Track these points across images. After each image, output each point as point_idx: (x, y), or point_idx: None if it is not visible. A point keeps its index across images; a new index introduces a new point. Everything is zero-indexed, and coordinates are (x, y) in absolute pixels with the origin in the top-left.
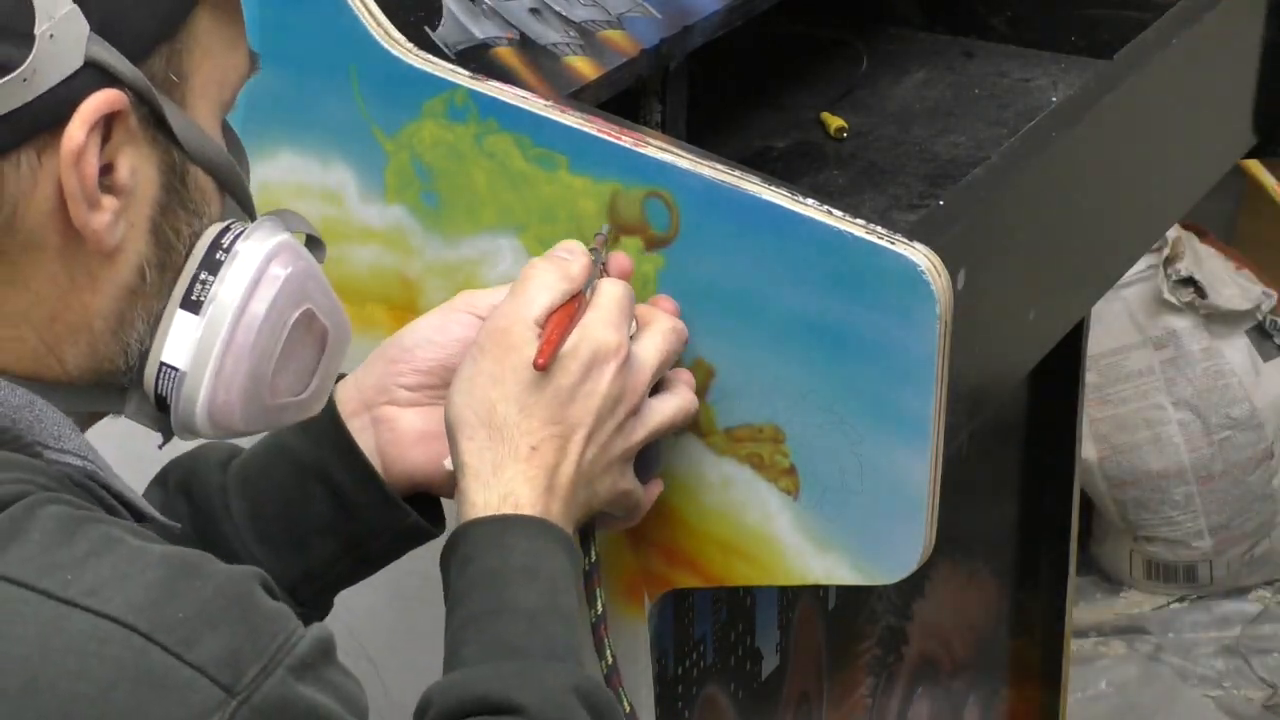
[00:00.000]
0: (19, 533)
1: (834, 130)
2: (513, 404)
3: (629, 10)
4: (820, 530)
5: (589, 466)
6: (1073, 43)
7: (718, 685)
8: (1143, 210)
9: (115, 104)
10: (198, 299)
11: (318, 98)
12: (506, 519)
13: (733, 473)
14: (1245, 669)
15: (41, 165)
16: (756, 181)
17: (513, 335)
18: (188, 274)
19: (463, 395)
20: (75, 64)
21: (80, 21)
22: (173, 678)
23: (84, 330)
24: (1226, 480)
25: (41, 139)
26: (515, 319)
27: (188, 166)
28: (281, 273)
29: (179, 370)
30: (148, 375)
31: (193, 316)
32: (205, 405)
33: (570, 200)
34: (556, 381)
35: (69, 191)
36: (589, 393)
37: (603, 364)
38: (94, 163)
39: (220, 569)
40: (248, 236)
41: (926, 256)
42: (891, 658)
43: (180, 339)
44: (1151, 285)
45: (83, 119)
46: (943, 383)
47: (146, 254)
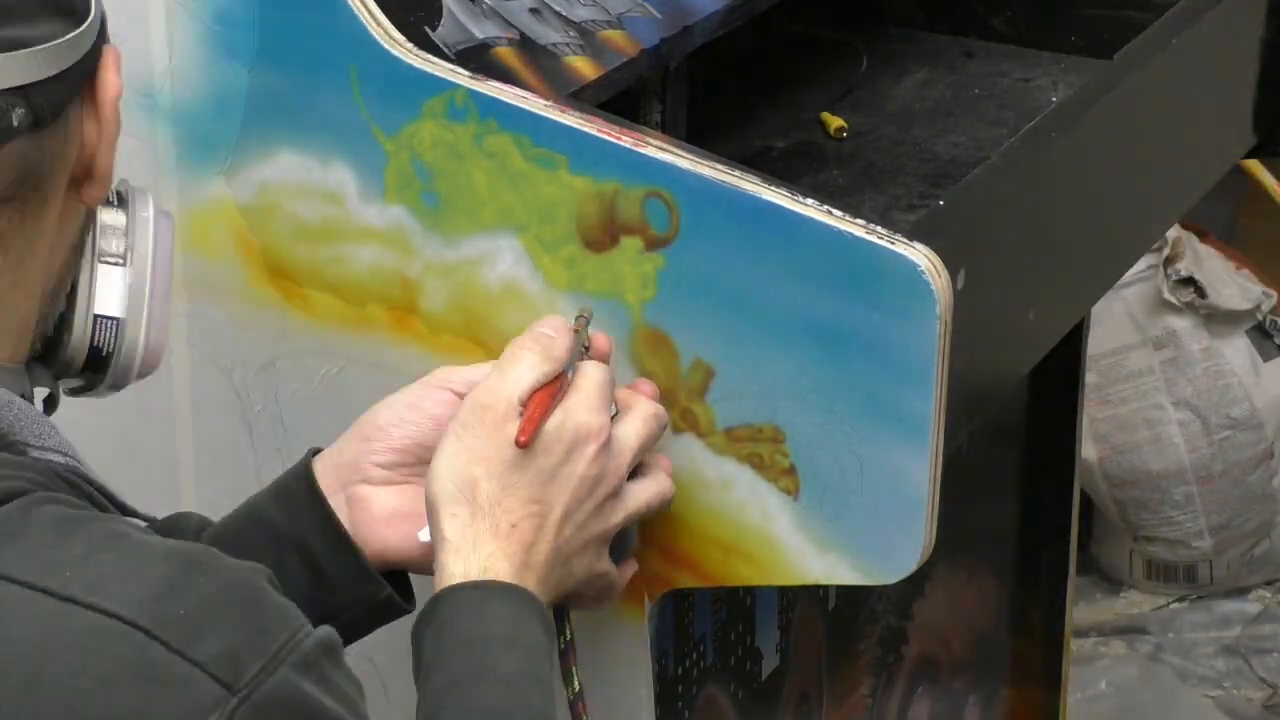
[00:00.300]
0: (17, 531)
1: (834, 130)
2: (495, 481)
3: (629, 10)
4: (820, 530)
5: (565, 545)
6: (1073, 43)
7: (718, 685)
8: (1143, 210)
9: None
10: (115, 253)
11: (318, 98)
12: (487, 586)
13: (733, 473)
14: (1245, 669)
15: (83, 114)
16: (756, 181)
17: (496, 412)
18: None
19: (444, 470)
20: (101, 14)
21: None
22: (173, 674)
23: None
24: (1226, 480)
25: (88, 87)
26: (499, 396)
27: None
28: (169, 224)
29: (117, 319)
30: (79, 333)
31: (116, 268)
32: (143, 349)
33: (570, 200)
34: (539, 461)
35: (107, 137)
36: (569, 474)
37: (583, 445)
38: None
39: (226, 564)
40: (134, 199)
41: (926, 256)
42: (891, 658)
43: (110, 290)
44: (1151, 285)
45: (113, 65)
46: (942, 383)
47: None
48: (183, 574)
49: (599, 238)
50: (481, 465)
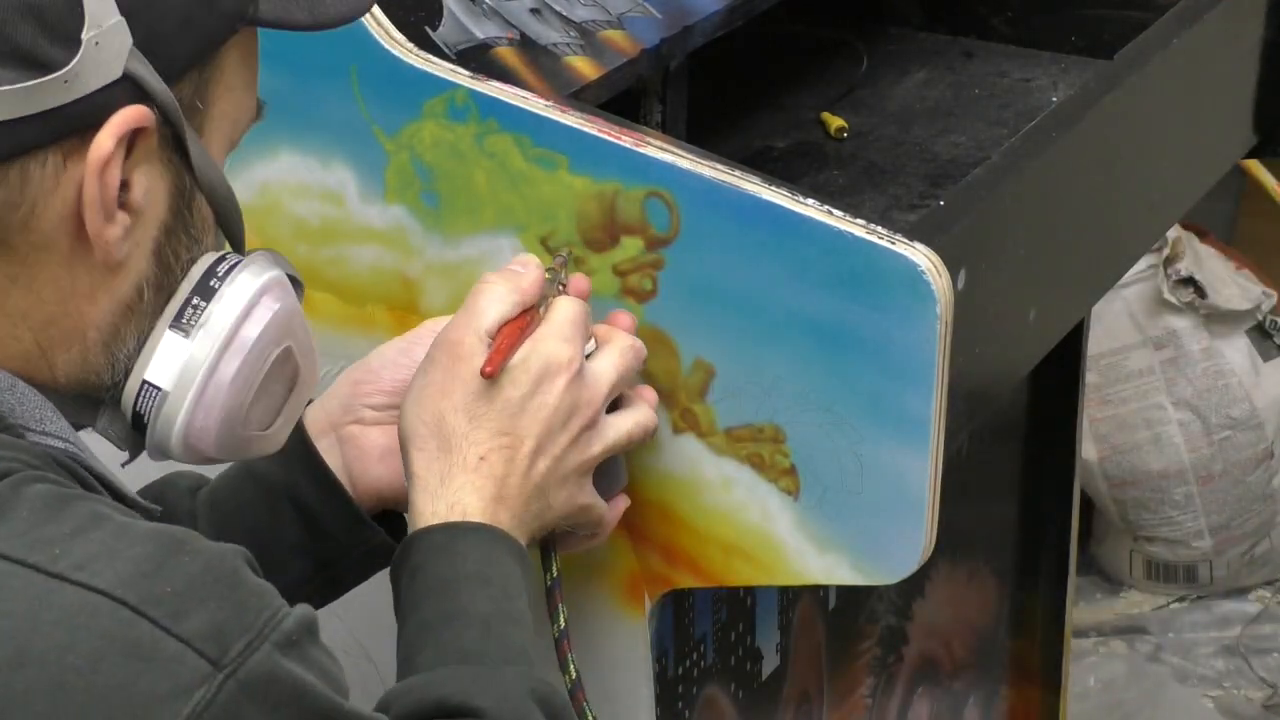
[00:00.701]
0: (6, 509)
1: (834, 130)
2: (461, 414)
3: (629, 10)
4: (820, 530)
5: (541, 478)
6: (1073, 43)
7: (718, 685)
8: (1143, 210)
9: (144, 120)
10: (188, 322)
11: (318, 98)
12: (455, 526)
13: (733, 473)
14: (1245, 669)
15: (65, 169)
16: (757, 181)
17: (462, 346)
18: (180, 297)
19: (413, 406)
20: (114, 74)
21: (125, 34)
22: (161, 650)
23: (78, 338)
24: (1226, 480)
25: (70, 143)
26: (466, 330)
27: (196, 193)
28: (272, 307)
29: (161, 390)
30: (128, 391)
31: (181, 339)
32: (183, 427)
33: (570, 200)
34: (505, 393)
35: (88, 199)
36: (540, 405)
37: (554, 376)
38: (117, 175)
39: (207, 545)
40: (244, 268)
41: (926, 256)
42: (891, 658)
43: (166, 359)
44: (1151, 285)
45: (113, 130)
46: (943, 383)
47: (147, 273)
48: (167, 553)
49: (599, 238)
50: (447, 399)
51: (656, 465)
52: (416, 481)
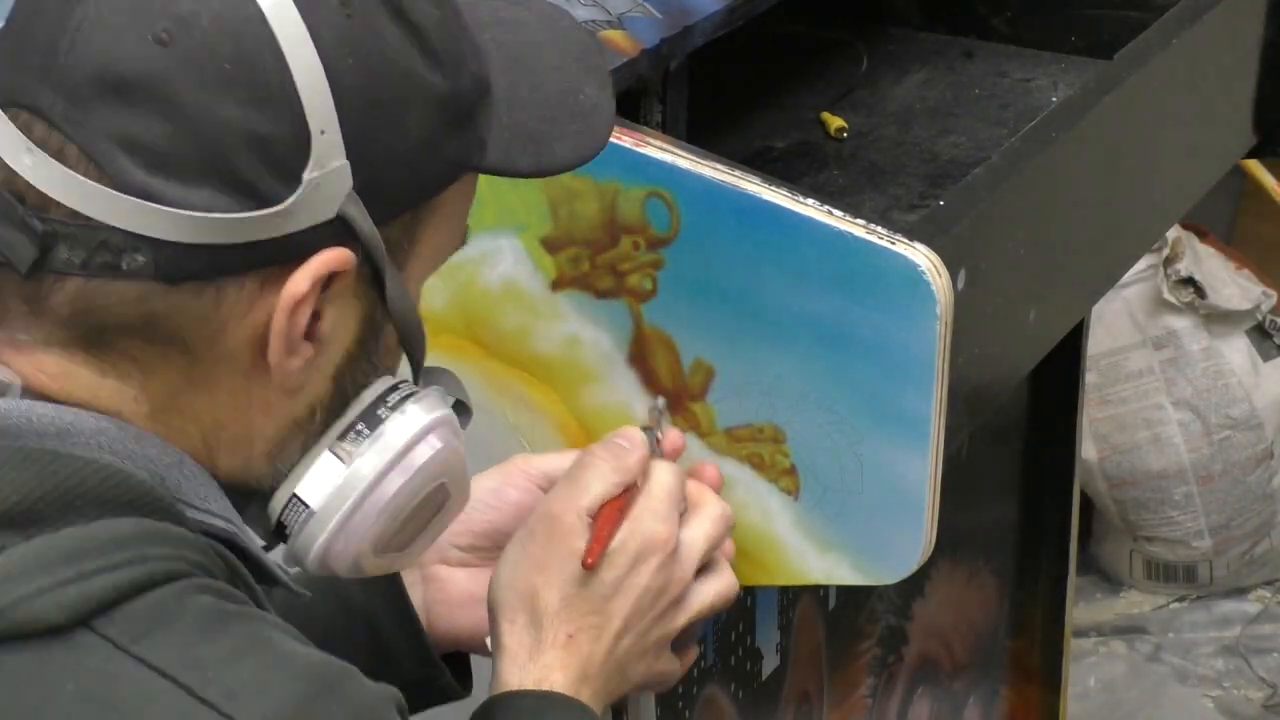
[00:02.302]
0: (167, 619)
1: (834, 130)
2: (555, 593)
3: (629, 10)
4: (820, 530)
5: (624, 655)
6: (1073, 43)
7: (718, 685)
8: (1143, 210)
9: (343, 264)
10: (348, 447)
11: None
12: (548, 696)
13: (733, 473)
14: (1245, 669)
15: (261, 295)
16: (757, 181)
17: (563, 524)
18: (345, 420)
19: (507, 577)
20: (328, 216)
21: (346, 178)
22: None
23: (244, 445)
24: (1226, 480)
25: (270, 271)
26: (568, 507)
27: (385, 323)
28: (433, 449)
29: (309, 508)
30: (277, 499)
31: (338, 463)
32: (323, 549)
33: (571, 200)
34: (603, 575)
35: (275, 331)
36: (632, 585)
37: (649, 557)
38: (308, 313)
39: (360, 690)
40: (415, 401)
41: (926, 256)
42: (891, 658)
43: (320, 480)
44: (1151, 285)
45: (311, 271)
46: (943, 383)
47: (322, 397)
48: (317, 696)
49: (599, 238)
50: (543, 575)
51: None
52: (505, 653)
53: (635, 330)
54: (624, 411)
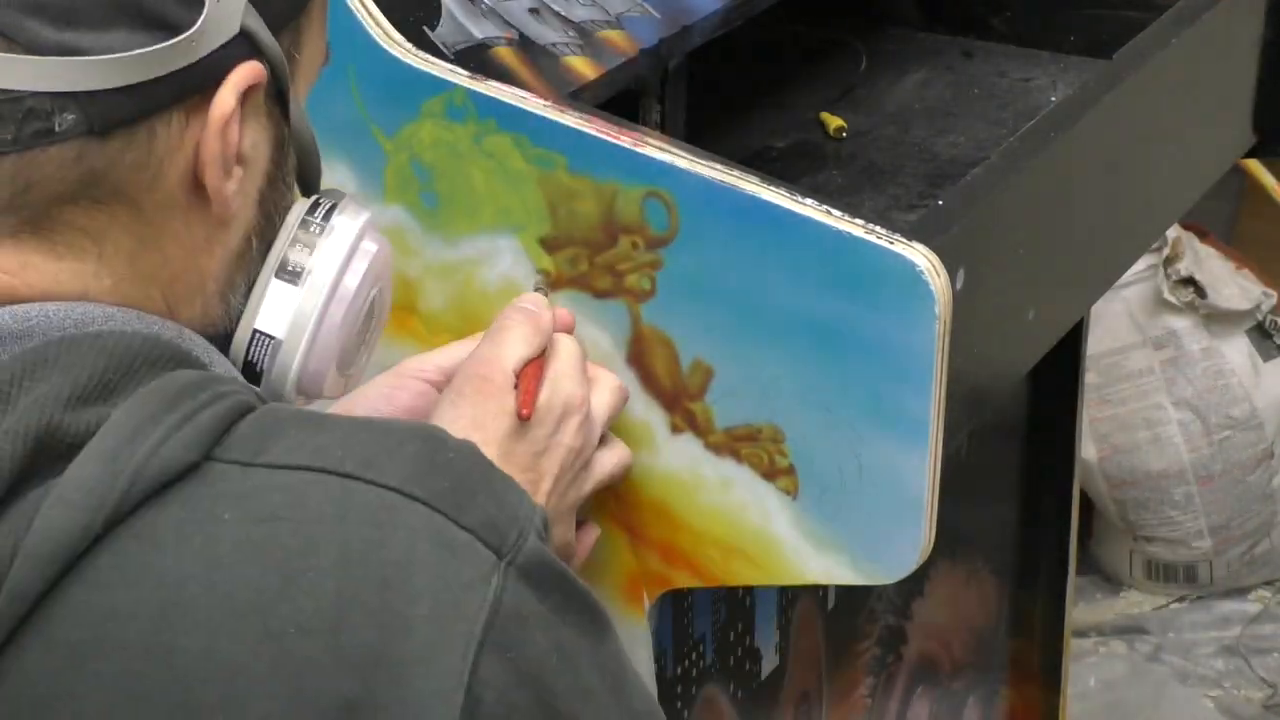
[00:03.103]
0: (274, 430)
1: (833, 130)
2: (493, 449)
3: (628, 10)
4: (819, 530)
5: (550, 515)
6: (1073, 43)
7: (717, 685)
8: (1143, 210)
9: (258, 77)
10: (294, 269)
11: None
12: None
13: (732, 473)
14: (1245, 669)
15: (189, 126)
16: (756, 181)
17: (492, 383)
18: (282, 244)
19: None
20: (233, 31)
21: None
22: (457, 541)
23: (199, 292)
24: (1226, 480)
25: (192, 101)
26: (494, 367)
27: (289, 144)
28: (372, 248)
29: (275, 338)
30: (238, 341)
31: (289, 286)
32: (298, 373)
33: (569, 200)
34: (534, 432)
35: (209, 156)
36: (557, 444)
37: (570, 416)
38: (237, 131)
39: (458, 441)
40: (340, 212)
41: (925, 256)
42: (891, 657)
43: (277, 308)
44: (1151, 285)
45: (234, 86)
46: (942, 382)
47: (253, 223)
48: (435, 451)
49: (598, 238)
50: (480, 432)
51: (655, 465)
52: None
53: (634, 330)
54: (624, 411)
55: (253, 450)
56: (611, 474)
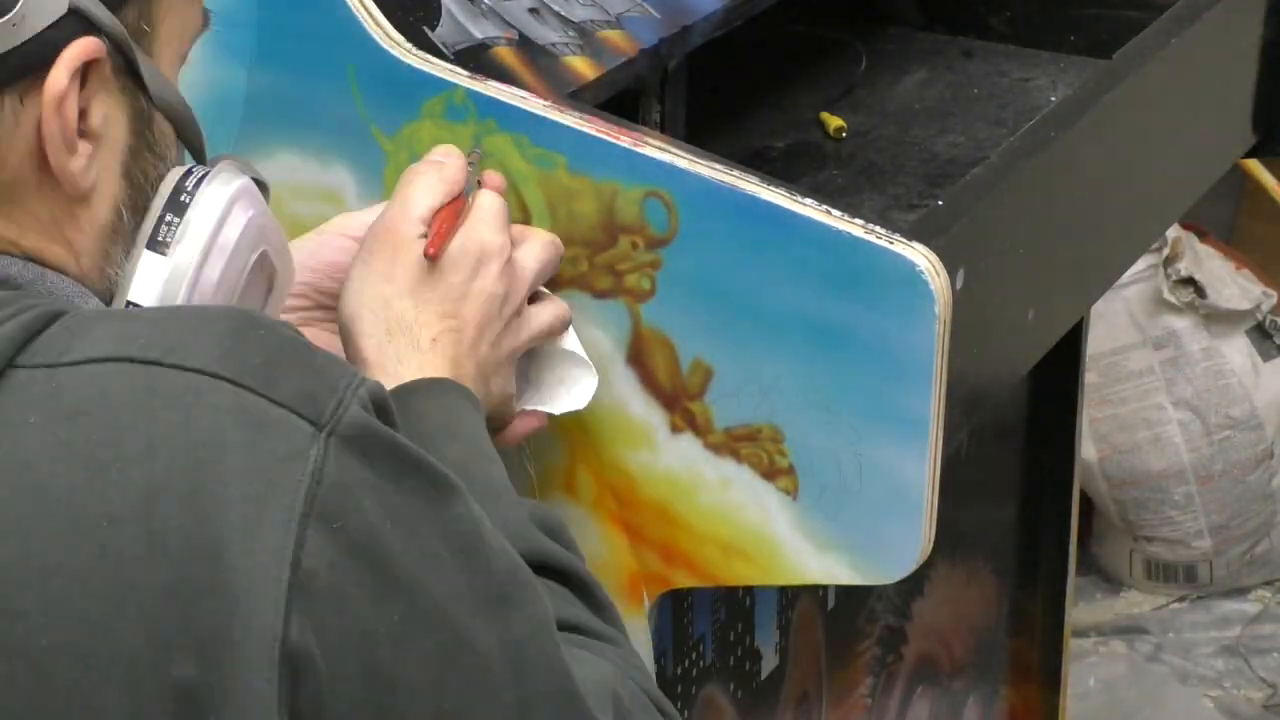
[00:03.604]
0: (81, 329)
1: (833, 130)
2: (407, 299)
3: (628, 10)
4: (819, 530)
5: (483, 361)
6: (1073, 43)
7: (717, 685)
8: (1143, 210)
9: (94, 52)
10: (164, 240)
11: (316, 98)
12: (407, 387)
13: (732, 472)
14: (1245, 669)
15: (24, 107)
16: (755, 181)
17: (400, 234)
18: (153, 216)
19: (355, 295)
20: (60, 10)
21: None
22: (269, 416)
23: (71, 263)
24: (1226, 480)
25: (25, 82)
26: (402, 219)
27: (153, 112)
28: (244, 216)
29: None
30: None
31: (159, 257)
32: None
33: (569, 200)
34: (448, 278)
35: (48, 135)
36: (478, 290)
37: (488, 262)
38: (74, 108)
39: (274, 322)
40: (211, 180)
41: (925, 256)
42: (891, 657)
43: (147, 279)
44: (1151, 285)
45: (65, 65)
46: (941, 382)
47: (120, 196)
48: (244, 329)
49: (598, 237)
50: (391, 285)
51: (655, 465)
52: (370, 366)
53: (633, 330)
54: (623, 411)
55: (59, 351)
56: (550, 326)
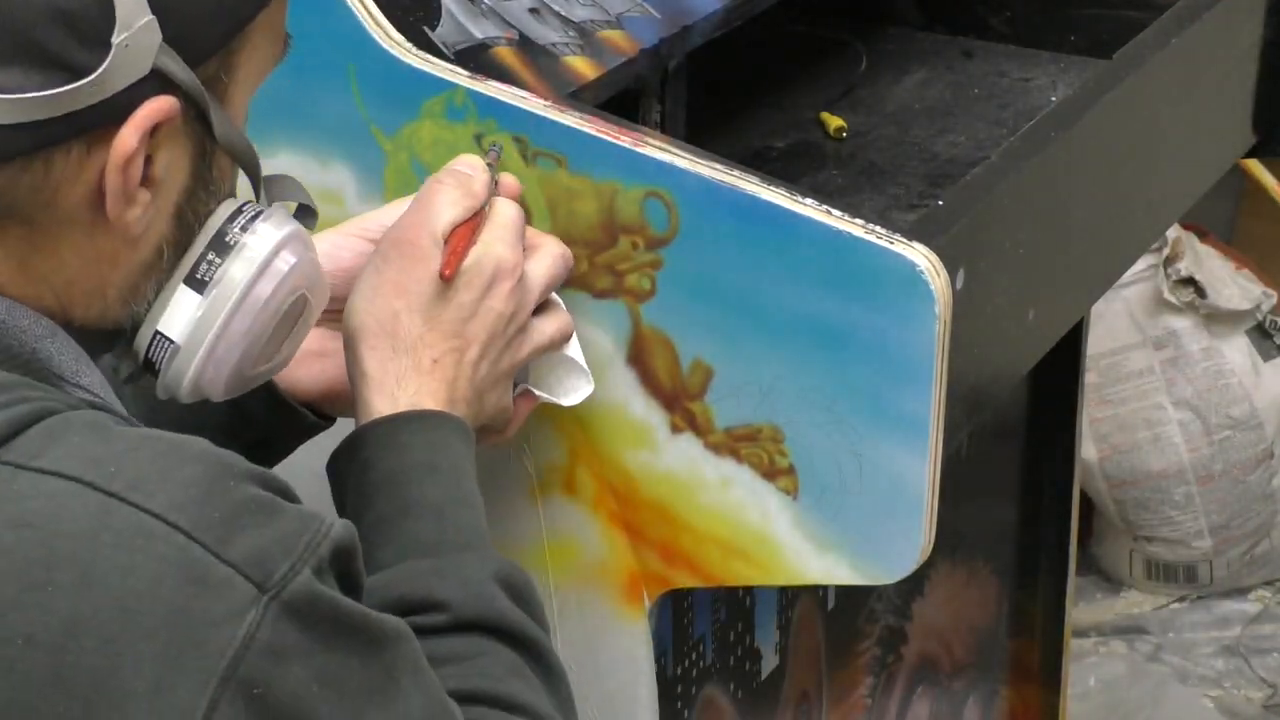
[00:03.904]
0: (60, 434)
1: (833, 130)
2: (417, 315)
3: (628, 10)
4: (819, 530)
5: (481, 381)
6: (1073, 43)
7: (717, 685)
8: (1143, 210)
9: (168, 113)
10: (202, 278)
11: (317, 98)
12: (398, 417)
13: (732, 472)
14: (1245, 669)
15: (89, 156)
16: (755, 181)
17: (418, 247)
18: (195, 251)
19: (365, 303)
20: (142, 73)
21: (155, 33)
22: (213, 575)
23: (98, 297)
24: (1226, 480)
25: (95, 133)
26: (421, 231)
27: (215, 151)
28: (287, 265)
29: (173, 343)
30: (140, 337)
31: (195, 294)
32: (193, 380)
33: (569, 200)
34: (460, 296)
35: (110, 188)
36: (488, 309)
37: (501, 281)
38: (140, 166)
39: (252, 470)
40: (261, 221)
41: (925, 256)
42: (891, 657)
43: (179, 313)
44: (1151, 285)
45: (137, 125)
46: (941, 382)
47: (167, 235)
48: (215, 477)
49: (598, 237)
50: (403, 299)
51: (655, 465)
52: (370, 381)
53: (634, 330)
54: (624, 411)
55: (31, 453)
56: (551, 340)
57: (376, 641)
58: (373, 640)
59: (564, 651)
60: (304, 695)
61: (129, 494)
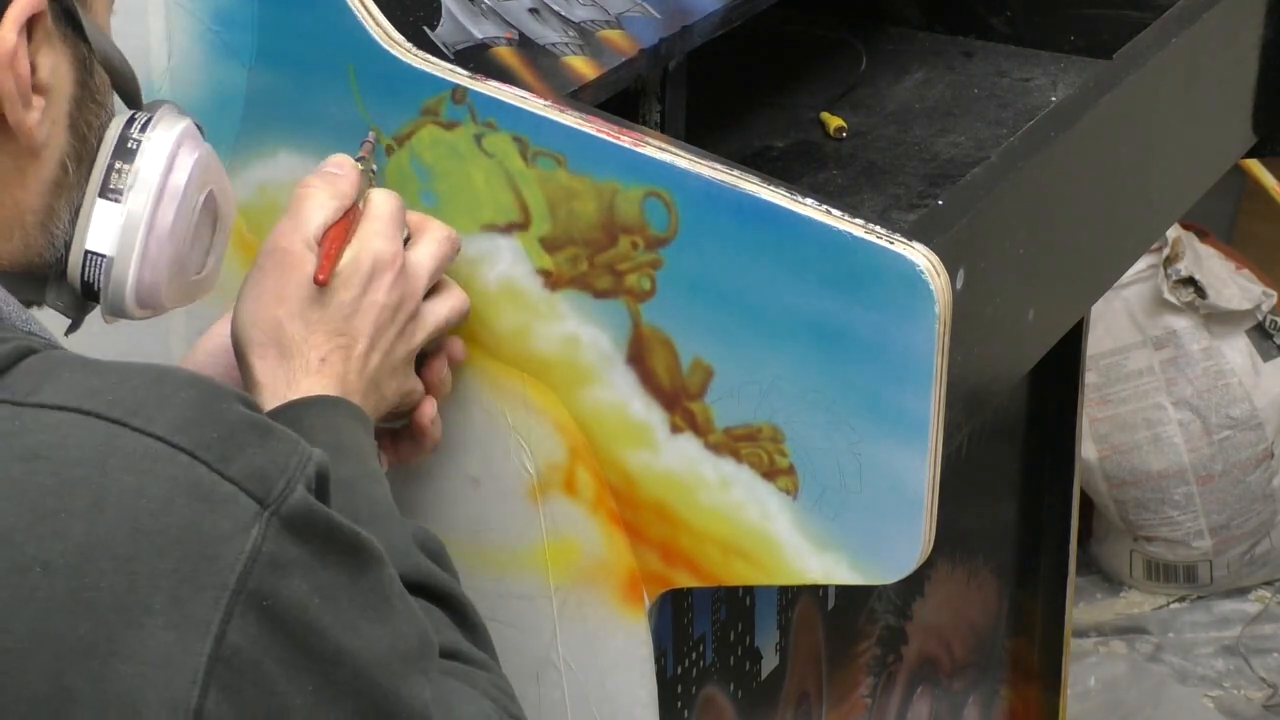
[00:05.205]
0: (51, 370)
1: (833, 130)
2: (298, 320)
3: (628, 10)
4: (819, 530)
5: (374, 372)
6: (1073, 43)
7: (717, 685)
8: (1143, 210)
9: (38, 5)
10: (115, 187)
11: (317, 98)
12: (298, 403)
13: (732, 472)
14: (1245, 669)
15: None
16: (755, 181)
17: (291, 254)
18: (101, 164)
19: (248, 315)
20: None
21: None
22: (218, 492)
23: (16, 225)
24: (1226, 480)
25: None
26: (294, 238)
27: (93, 61)
28: (191, 157)
29: (106, 256)
30: (73, 264)
31: (113, 204)
32: (134, 287)
33: (569, 200)
34: (338, 296)
35: (4, 92)
36: (370, 304)
37: (381, 274)
38: (26, 63)
39: (238, 393)
40: (155, 125)
41: (925, 256)
42: (891, 657)
43: (103, 227)
44: (1151, 285)
45: (12, 22)
46: (942, 382)
47: (66, 148)
48: (209, 400)
49: (598, 237)
50: (283, 306)
51: (655, 465)
52: (263, 389)
53: (634, 330)
54: (623, 411)
55: (26, 390)
56: (447, 320)
57: (366, 559)
58: (363, 557)
59: (564, 651)
60: (308, 606)
61: (131, 420)
